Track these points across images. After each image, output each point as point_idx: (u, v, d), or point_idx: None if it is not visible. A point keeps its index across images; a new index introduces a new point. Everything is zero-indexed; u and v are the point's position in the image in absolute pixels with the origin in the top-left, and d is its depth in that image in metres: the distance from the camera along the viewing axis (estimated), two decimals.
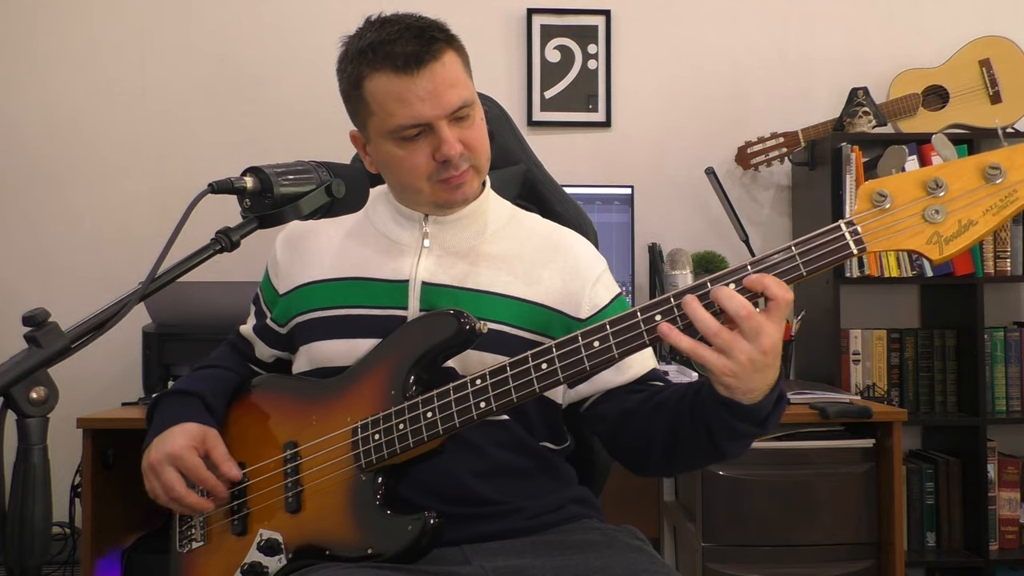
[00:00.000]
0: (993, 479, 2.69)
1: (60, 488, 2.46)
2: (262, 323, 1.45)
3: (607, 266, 1.40)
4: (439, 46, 1.25)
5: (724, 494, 2.20)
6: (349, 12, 2.92)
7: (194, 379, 1.41)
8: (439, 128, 1.24)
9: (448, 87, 1.24)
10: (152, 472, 1.27)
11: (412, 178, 1.29)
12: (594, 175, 2.89)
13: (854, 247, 1.05)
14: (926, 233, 1.04)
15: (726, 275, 1.07)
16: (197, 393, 1.36)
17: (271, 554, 1.25)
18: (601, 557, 1.21)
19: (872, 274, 2.68)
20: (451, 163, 1.26)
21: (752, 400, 1.09)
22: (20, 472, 0.88)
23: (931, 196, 1.04)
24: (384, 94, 1.24)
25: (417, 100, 1.23)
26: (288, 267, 1.40)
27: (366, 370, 1.26)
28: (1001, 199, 1.03)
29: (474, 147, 1.29)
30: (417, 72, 1.22)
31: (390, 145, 1.28)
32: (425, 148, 1.26)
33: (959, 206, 1.04)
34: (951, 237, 1.03)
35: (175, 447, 1.26)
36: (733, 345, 1.04)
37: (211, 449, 1.29)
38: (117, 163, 2.93)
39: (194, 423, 1.30)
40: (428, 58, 1.23)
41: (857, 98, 2.78)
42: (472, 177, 1.31)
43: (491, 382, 1.15)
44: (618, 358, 1.11)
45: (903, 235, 1.04)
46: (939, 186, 1.04)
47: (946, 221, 1.04)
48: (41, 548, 0.89)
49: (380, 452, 1.19)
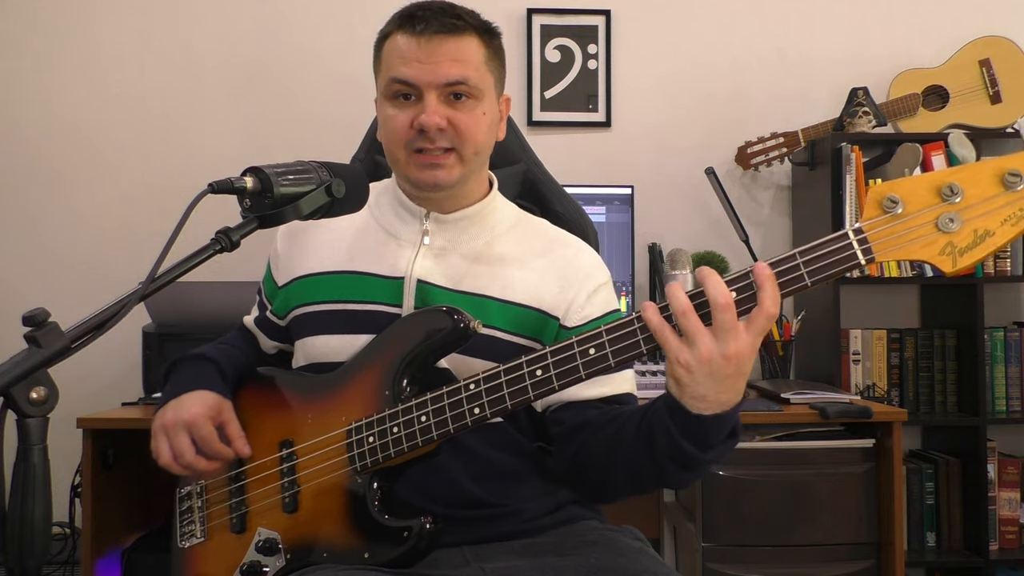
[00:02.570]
0: (993, 479, 2.69)
1: (60, 488, 2.46)
2: (263, 315, 1.46)
3: (610, 279, 1.37)
4: (462, 25, 1.26)
5: (724, 494, 2.19)
6: (351, 13, 2.91)
7: (210, 348, 1.42)
8: (425, 95, 1.25)
9: (450, 60, 1.25)
10: (164, 433, 1.27)
11: (392, 142, 1.30)
12: (594, 175, 2.89)
13: (862, 257, 0.98)
14: (939, 243, 0.96)
15: (731, 278, 1.02)
16: (214, 359, 1.36)
17: (269, 554, 1.25)
18: (601, 558, 1.20)
19: (872, 274, 2.68)
20: (427, 134, 1.25)
21: (700, 410, 1.04)
22: (20, 472, 0.88)
23: (946, 203, 0.96)
24: (392, 50, 1.28)
25: (415, 60, 1.25)
26: (288, 259, 1.40)
27: (361, 367, 1.25)
28: (1021, 208, 0.95)
29: (461, 130, 1.26)
30: (426, 37, 1.24)
31: (385, 104, 1.29)
32: (409, 113, 1.27)
33: (975, 215, 0.96)
34: (966, 248, 0.96)
35: (192, 414, 1.26)
36: (698, 335, 0.99)
37: (226, 423, 1.29)
38: (117, 163, 2.93)
39: (211, 392, 1.30)
40: (443, 30, 1.25)
41: (857, 98, 2.78)
42: (452, 163, 1.28)
43: (485, 388, 1.13)
44: (614, 367, 1.07)
45: (915, 245, 0.97)
46: (954, 192, 0.96)
47: (961, 231, 0.96)
48: (41, 548, 0.89)
49: (375, 455, 1.19)
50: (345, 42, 2.88)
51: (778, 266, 1.00)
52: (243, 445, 1.28)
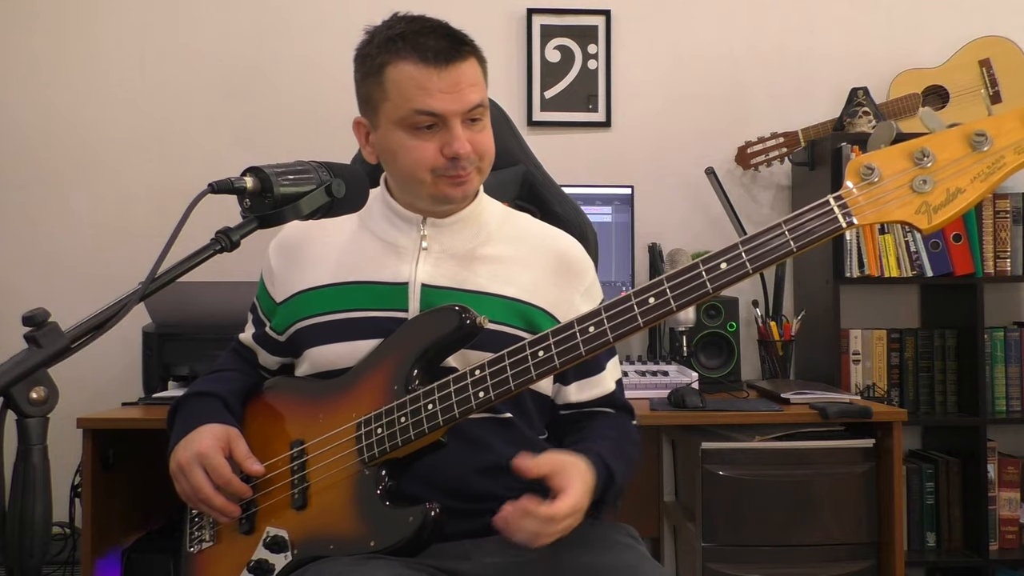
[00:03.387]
0: (993, 479, 2.69)
1: (60, 488, 2.46)
2: (262, 332, 1.46)
3: (594, 270, 1.45)
4: (467, 49, 1.29)
5: (724, 494, 2.19)
6: (349, 13, 2.92)
7: (209, 381, 1.43)
8: (452, 125, 1.27)
9: (468, 86, 1.28)
10: (181, 473, 1.29)
11: (416, 168, 1.30)
12: (594, 175, 2.89)
13: (842, 220, 1.06)
14: (915, 203, 1.05)
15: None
16: (216, 394, 1.38)
17: (277, 551, 1.26)
18: (595, 555, 1.23)
19: (872, 274, 2.68)
20: (459, 161, 1.29)
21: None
22: (20, 472, 0.88)
23: (918, 167, 1.05)
24: (406, 80, 1.27)
25: (438, 92, 1.26)
26: (284, 275, 1.40)
27: (370, 367, 1.28)
28: (988, 166, 1.04)
29: (482, 151, 1.32)
30: (444, 67, 1.26)
31: (400, 133, 1.29)
32: (435, 141, 1.29)
33: (946, 175, 1.05)
34: (940, 206, 1.04)
35: (202, 446, 1.27)
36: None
37: (234, 449, 1.30)
38: (117, 163, 2.93)
39: (217, 423, 1.32)
40: (456, 57, 1.27)
41: (857, 98, 2.78)
42: (474, 177, 1.34)
43: (489, 371, 1.18)
44: (612, 341, 1.15)
45: (891, 206, 1.05)
46: (925, 156, 1.05)
47: (934, 191, 1.04)
48: (41, 548, 0.89)
49: (382, 445, 1.21)
50: (345, 42, 2.86)
51: (765, 235, 1.09)
52: (252, 464, 1.30)
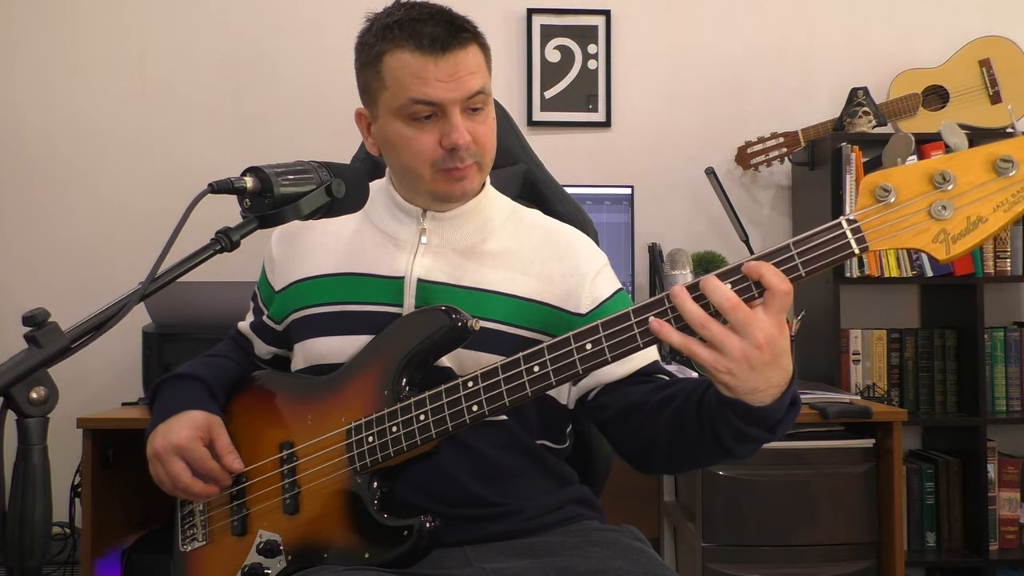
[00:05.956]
0: (993, 479, 2.69)
1: (60, 488, 2.46)
2: (259, 320, 1.45)
3: (607, 261, 1.38)
4: (466, 36, 1.25)
5: (724, 494, 2.19)
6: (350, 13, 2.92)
7: (196, 364, 1.40)
8: (451, 114, 1.23)
9: (468, 74, 1.24)
10: (158, 460, 1.27)
11: (416, 162, 1.27)
12: (594, 175, 2.89)
13: (855, 246, 0.98)
14: (932, 231, 0.96)
15: (725, 273, 1.02)
16: (200, 377, 1.35)
17: (271, 556, 1.25)
18: (601, 558, 1.20)
19: (872, 274, 2.68)
20: (457, 152, 1.25)
21: (758, 402, 1.03)
22: (20, 472, 0.88)
23: (938, 190, 0.96)
24: (402, 69, 1.24)
25: (435, 80, 1.22)
26: (284, 263, 1.39)
27: (359, 367, 1.25)
28: (1013, 194, 0.95)
29: (482, 143, 1.28)
30: (441, 55, 1.22)
31: (399, 123, 1.26)
32: (434, 132, 1.25)
33: (967, 201, 0.96)
34: (959, 235, 0.96)
35: (181, 438, 1.25)
36: (724, 339, 0.99)
37: (215, 439, 1.28)
38: (116, 163, 2.93)
39: (199, 411, 1.29)
40: (454, 44, 1.23)
41: (857, 98, 2.78)
42: (474, 173, 1.29)
43: (483, 385, 1.14)
44: (611, 360, 1.08)
45: (908, 233, 0.97)
46: (947, 180, 0.96)
47: (954, 218, 0.96)
48: (41, 548, 0.89)
49: (374, 455, 1.19)
50: (345, 41, 2.86)
51: (773, 257, 1.01)
52: (232, 460, 1.28)
